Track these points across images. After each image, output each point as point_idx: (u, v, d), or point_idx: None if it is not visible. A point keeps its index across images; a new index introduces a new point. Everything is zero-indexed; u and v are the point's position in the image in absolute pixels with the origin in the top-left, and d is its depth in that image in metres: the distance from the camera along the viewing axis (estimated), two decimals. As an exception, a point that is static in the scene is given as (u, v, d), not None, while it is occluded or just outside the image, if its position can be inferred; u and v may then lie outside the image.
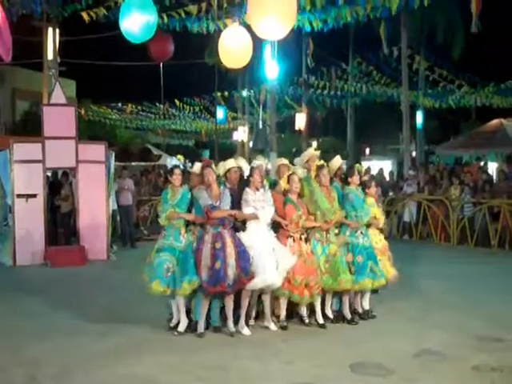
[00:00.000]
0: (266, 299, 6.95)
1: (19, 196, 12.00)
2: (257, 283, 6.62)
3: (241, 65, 11.72)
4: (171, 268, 6.73)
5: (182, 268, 6.67)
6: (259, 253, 6.68)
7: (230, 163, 7.21)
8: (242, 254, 6.63)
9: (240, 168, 7.20)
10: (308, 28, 15.78)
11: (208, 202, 6.68)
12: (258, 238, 6.78)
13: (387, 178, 18.35)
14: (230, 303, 6.75)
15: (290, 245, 6.94)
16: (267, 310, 6.99)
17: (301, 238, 7.02)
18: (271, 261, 6.66)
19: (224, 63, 11.63)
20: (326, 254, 7.04)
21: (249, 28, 11.78)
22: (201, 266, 6.58)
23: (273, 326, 6.94)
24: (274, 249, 6.80)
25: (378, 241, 7.59)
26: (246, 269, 6.57)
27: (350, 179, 7.40)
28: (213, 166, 7.08)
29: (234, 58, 11.10)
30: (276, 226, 7.09)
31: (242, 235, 6.82)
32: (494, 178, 16.25)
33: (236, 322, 6.82)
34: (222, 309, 6.90)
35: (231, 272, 6.51)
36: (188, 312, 6.93)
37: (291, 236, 7.00)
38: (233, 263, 6.54)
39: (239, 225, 6.94)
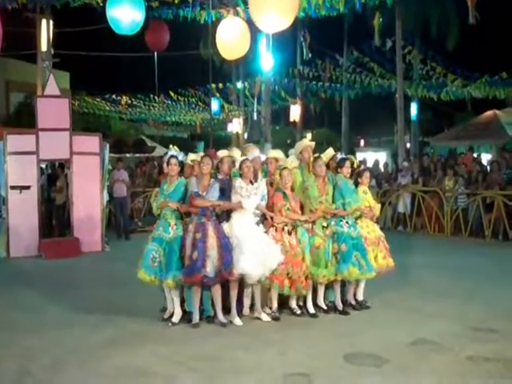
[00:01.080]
0: (257, 290, 6.95)
1: (13, 188, 11.96)
2: (234, 273, 6.62)
3: (238, 55, 11.70)
4: (157, 258, 6.77)
5: (167, 261, 6.72)
6: (238, 241, 6.67)
7: (222, 153, 7.23)
8: (225, 246, 6.62)
9: (232, 158, 7.21)
10: (302, 16, 15.65)
11: (194, 190, 6.69)
12: (240, 227, 6.77)
13: (382, 170, 18.36)
14: (217, 294, 6.73)
15: (272, 234, 6.93)
16: (258, 301, 6.99)
17: (283, 229, 7.01)
18: (251, 251, 6.62)
19: (222, 54, 11.61)
20: (311, 245, 7.05)
21: (243, 19, 11.77)
22: (185, 255, 6.62)
23: (264, 317, 6.95)
24: (259, 241, 6.76)
25: (370, 231, 7.59)
26: (227, 262, 6.56)
27: (340, 169, 7.40)
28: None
29: (232, 48, 11.09)
30: (264, 218, 7.08)
31: (224, 225, 6.82)
32: (488, 169, 16.27)
33: (228, 312, 6.83)
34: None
35: (210, 264, 6.50)
36: (182, 302, 6.94)
37: (274, 226, 6.99)
38: (214, 255, 6.53)
39: (224, 216, 6.93)
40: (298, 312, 7.12)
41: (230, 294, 6.85)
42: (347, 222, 7.22)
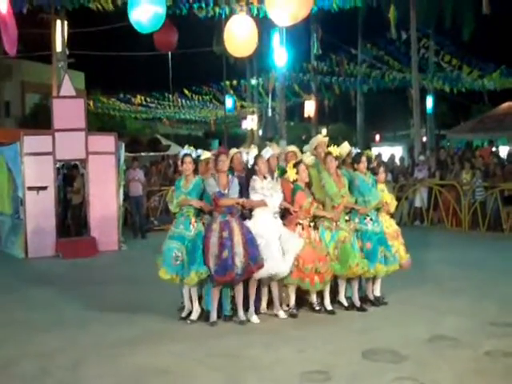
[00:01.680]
0: (275, 288, 6.94)
1: (30, 188, 12.05)
2: (262, 272, 6.64)
3: (246, 53, 11.69)
4: (180, 256, 6.74)
5: (191, 257, 6.68)
6: (266, 241, 6.68)
7: (233, 151, 7.27)
8: (251, 242, 6.62)
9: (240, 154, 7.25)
10: (315, 9, 15.55)
11: (216, 190, 6.68)
12: (264, 225, 6.77)
13: (398, 164, 18.24)
14: (239, 292, 6.75)
15: (298, 232, 6.94)
16: (276, 299, 6.99)
17: (309, 226, 7.01)
18: (277, 249, 6.66)
19: (229, 51, 11.60)
20: (335, 241, 7.01)
21: (255, 16, 11.74)
22: (209, 254, 6.59)
23: (282, 314, 6.94)
24: (280, 235, 6.79)
25: (388, 225, 7.56)
26: (254, 256, 6.56)
27: (356, 166, 7.36)
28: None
29: (239, 46, 11.07)
30: (284, 213, 7.07)
31: (248, 223, 6.82)
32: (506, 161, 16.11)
33: (246, 310, 6.84)
34: (233, 298, 6.90)
35: (239, 261, 6.51)
36: (200, 300, 6.95)
37: (300, 223, 6.98)
38: (240, 252, 6.53)
39: (246, 213, 6.94)
40: (317, 308, 7.10)
41: (249, 292, 6.84)
42: (371, 219, 7.20)
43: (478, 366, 5.30)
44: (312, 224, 7.05)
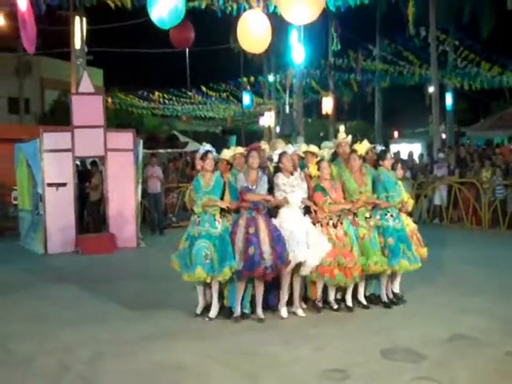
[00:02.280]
0: (296, 284, 6.92)
1: (49, 185, 12.14)
2: (291, 260, 6.61)
3: (259, 50, 11.64)
4: (209, 255, 6.67)
5: (221, 253, 6.63)
6: (290, 232, 6.66)
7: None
8: (278, 239, 6.58)
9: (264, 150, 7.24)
10: (332, 8, 15.47)
11: (244, 184, 6.67)
12: (289, 220, 6.76)
13: (417, 161, 18.11)
14: (260, 290, 6.74)
15: (318, 229, 6.91)
16: (296, 296, 6.97)
17: (328, 224, 6.98)
18: (303, 241, 6.63)
19: (242, 47, 11.57)
20: (356, 237, 6.99)
21: (272, 13, 11.69)
22: (235, 249, 6.59)
23: (300, 312, 6.93)
24: (307, 232, 6.76)
25: (405, 224, 7.50)
26: (281, 255, 6.52)
27: (381, 162, 7.31)
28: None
29: (253, 42, 11.03)
30: (306, 211, 7.06)
31: (274, 221, 6.80)
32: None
33: (266, 309, 6.83)
34: (253, 296, 6.89)
35: (267, 257, 6.48)
36: (219, 297, 6.95)
37: (319, 221, 6.96)
38: (267, 250, 6.50)
39: (273, 212, 6.92)
40: (335, 306, 7.07)
41: (281, 284, 6.81)
42: (392, 215, 7.15)
43: (499, 366, 5.24)
44: (332, 222, 7.01)
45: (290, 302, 7.04)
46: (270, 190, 6.85)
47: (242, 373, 5.23)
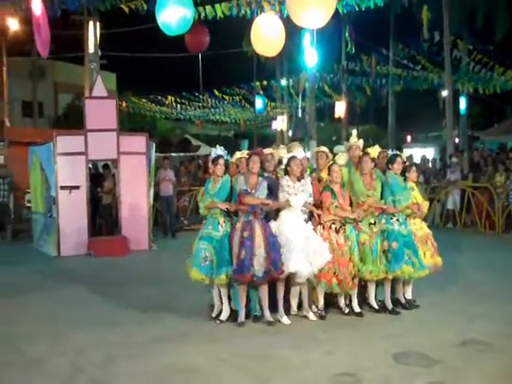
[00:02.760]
0: (304, 289, 6.91)
1: (63, 188, 12.20)
2: (284, 270, 6.59)
3: (272, 53, 11.65)
4: (209, 257, 6.78)
5: (220, 258, 6.71)
6: (286, 239, 6.63)
7: (267, 151, 7.25)
8: (273, 245, 6.58)
9: (275, 156, 7.21)
10: (343, 10, 15.43)
11: (243, 188, 6.69)
12: (288, 224, 6.73)
13: (430, 166, 18.02)
14: (264, 293, 6.73)
15: (319, 232, 6.88)
16: (305, 300, 6.96)
17: (330, 227, 6.95)
18: (300, 249, 6.59)
19: (256, 50, 11.59)
20: (357, 242, 6.96)
21: (287, 17, 11.69)
22: (233, 253, 6.62)
23: (312, 316, 6.91)
24: (308, 238, 6.73)
25: (418, 229, 7.45)
26: (275, 261, 6.52)
27: (391, 166, 7.27)
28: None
29: (266, 45, 11.04)
30: (311, 216, 7.04)
31: (273, 223, 6.79)
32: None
33: (275, 311, 6.82)
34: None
35: (258, 263, 6.48)
36: (229, 300, 6.96)
37: (321, 224, 6.93)
38: (261, 254, 6.51)
39: (272, 214, 6.91)
40: (346, 311, 7.05)
41: (277, 293, 6.82)
42: (398, 220, 7.09)
43: (510, 371, 5.20)
44: (334, 226, 6.98)
45: (300, 306, 7.05)
46: (271, 196, 6.83)
47: (252, 376, 5.22)
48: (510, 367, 5.29)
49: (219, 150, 7.15)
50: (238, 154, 7.41)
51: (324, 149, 7.66)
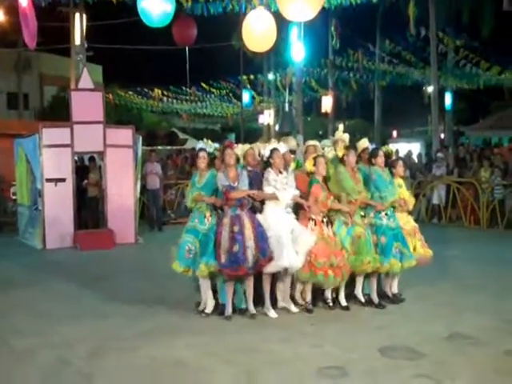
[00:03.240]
0: (286, 281, 6.92)
1: (48, 180, 12.12)
2: (274, 267, 6.62)
3: (264, 48, 11.65)
4: (193, 250, 6.81)
5: (203, 250, 6.73)
6: (275, 236, 6.65)
7: (246, 146, 7.24)
8: (261, 235, 6.61)
9: (254, 150, 7.22)
10: (332, 5, 15.46)
11: (225, 183, 6.69)
12: (275, 219, 6.75)
13: (415, 161, 18.12)
14: (249, 286, 6.76)
15: (311, 227, 6.89)
16: (287, 292, 6.97)
17: (322, 221, 6.97)
18: (288, 244, 6.62)
19: (248, 46, 11.57)
20: (351, 236, 6.98)
21: (273, 10, 11.69)
22: (220, 249, 6.59)
23: (293, 308, 6.94)
24: (292, 230, 6.75)
25: (405, 222, 7.50)
26: (263, 250, 6.55)
27: (373, 160, 7.29)
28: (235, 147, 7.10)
29: (258, 41, 11.04)
30: (297, 209, 7.05)
31: (259, 216, 6.80)
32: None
33: (262, 305, 6.85)
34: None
35: (250, 254, 6.50)
36: (215, 293, 6.97)
37: (312, 219, 6.95)
38: (252, 245, 6.53)
39: (257, 206, 6.93)
40: (331, 304, 7.08)
41: (263, 287, 6.84)
42: (386, 214, 7.14)
43: (497, 364, 5.26)
44: (325, 220, 7.02)
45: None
46: (257, 186, 6.85)
47: (241, 369, 5.23)
48: (497, 361, 5.35)
49: (201, 144, 7.18)
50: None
51: (313, 142, 7.67)
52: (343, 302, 7.11)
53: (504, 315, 6.70)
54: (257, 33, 10.82)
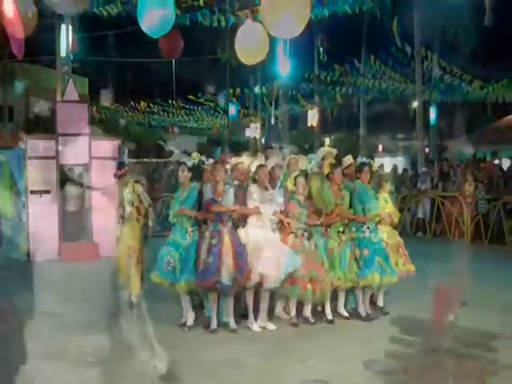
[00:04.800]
0: (265, 298, 6.90)
1: (33, 192, 12.04)
2: (253, 277, 6.61)
3: (258, 60, 11.68)
4: (172, 262, 6.84)
5: (183, 266, 6.75)
6: (254, 246, 6.65)
7: (235, 160, 7.25)
8: (240, 255, 6.61)
9: (242, 164, 7.23)
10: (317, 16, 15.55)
11: (210, 197, 6.69)
12: (256, 232, 6.76)
13: (400, 174, 18.23)
14: (229, 301, 6.75)
15: (292, 240, 6.90)
16: (264, 309, 6.93)
17: (303, 235, 6.99)
18: (267, 253, 6.62)
19: (241, 60, 11.60)
20: (325, 248, 7.01)
21: (261, 22, 11.72)
22: (199, 261, 6.62)
23: (270, 326, 6.87)
24: (276, 245, 6.75)
25: (390, 237, 7.55)
26: (242, 270, 6.55)
27: (358, 175, 7.35)
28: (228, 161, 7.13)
29: (251, 54, 11.05)
30: (280, 225, 7.06)
31: (241, 230, 6.80)
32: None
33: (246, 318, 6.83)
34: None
35: (226, 270, 6.47)
36: (202, 307, 6.94)
37: (293, 232, 6.96)
38: (229, 262, 6.51)
39: (240, 222, 6.92)
40: (312, 321, 7.06)
41: (247, 302, 6.82)
42: (368, 228, 7.17)
43: (481, 377, 5.28)
44: (305, 233, 7.03)
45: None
46: (242, 202, 6.86)
47: (224, 383, 5.21)
48: (480, 374, 5.37)
49: (183, 158, 7.24)
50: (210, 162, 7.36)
51: (295, 155, 7.70)
52: (329, 316, 7.11)
53: (486, 329, 6.71)
54: (250, 46, 10.85)
